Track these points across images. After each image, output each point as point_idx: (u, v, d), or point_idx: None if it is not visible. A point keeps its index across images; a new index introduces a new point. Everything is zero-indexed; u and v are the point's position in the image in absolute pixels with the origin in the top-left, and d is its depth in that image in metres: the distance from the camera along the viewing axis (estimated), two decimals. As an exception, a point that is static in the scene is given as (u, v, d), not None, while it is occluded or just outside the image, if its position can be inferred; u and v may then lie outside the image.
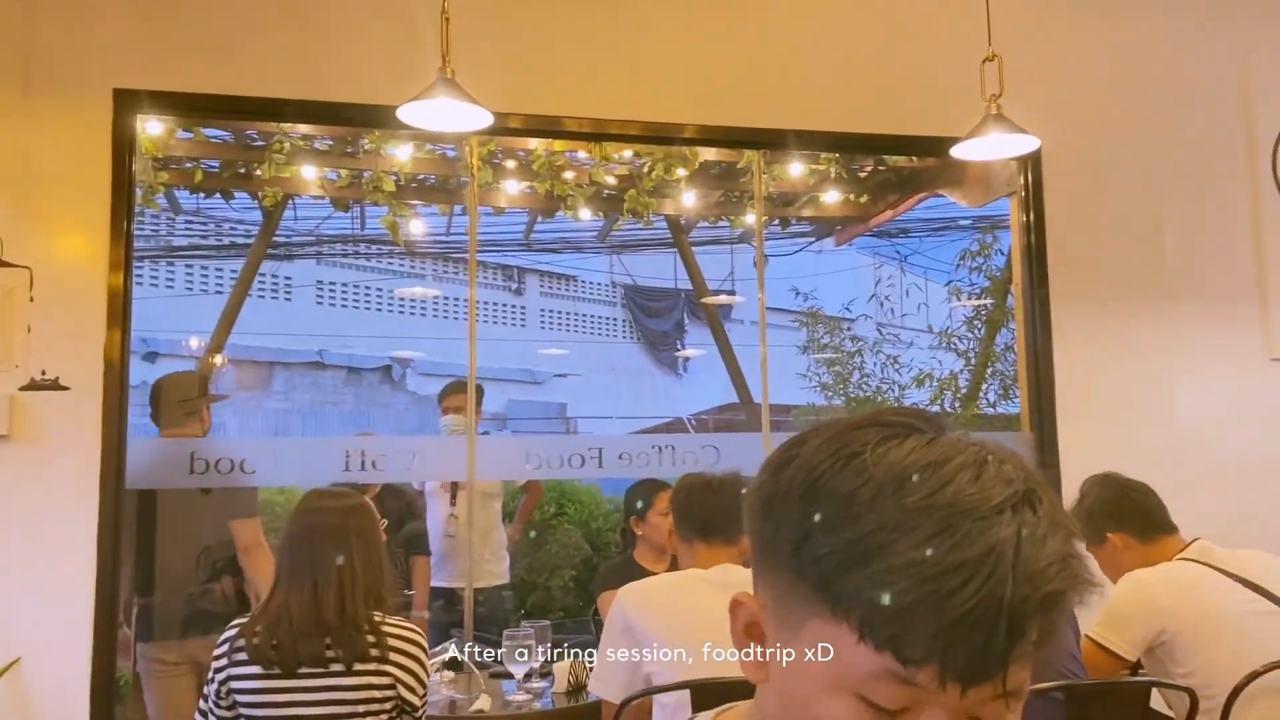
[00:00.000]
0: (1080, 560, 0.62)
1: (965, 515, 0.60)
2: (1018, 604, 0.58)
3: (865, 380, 5.85)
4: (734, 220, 5.36)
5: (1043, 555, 0.60)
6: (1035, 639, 0.60)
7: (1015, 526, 0.60)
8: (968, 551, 0.58)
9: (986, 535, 0.59)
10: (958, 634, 0.58)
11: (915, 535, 0.59)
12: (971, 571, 0.58)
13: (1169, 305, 3.96)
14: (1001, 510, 0.60)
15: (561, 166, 4.65)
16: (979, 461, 0.63)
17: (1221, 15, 4.12)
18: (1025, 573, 0.59)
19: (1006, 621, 0.58)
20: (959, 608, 0.58)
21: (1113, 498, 2.54)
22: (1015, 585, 0.58)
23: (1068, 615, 0.62)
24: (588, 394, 14.69)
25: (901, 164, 4.84)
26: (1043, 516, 0.61)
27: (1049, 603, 0.60)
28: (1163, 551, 2.47)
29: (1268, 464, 3.94)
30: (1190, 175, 4.04)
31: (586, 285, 16.38)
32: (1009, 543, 0.59)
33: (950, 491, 0.61)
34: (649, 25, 3.72)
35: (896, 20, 3.88)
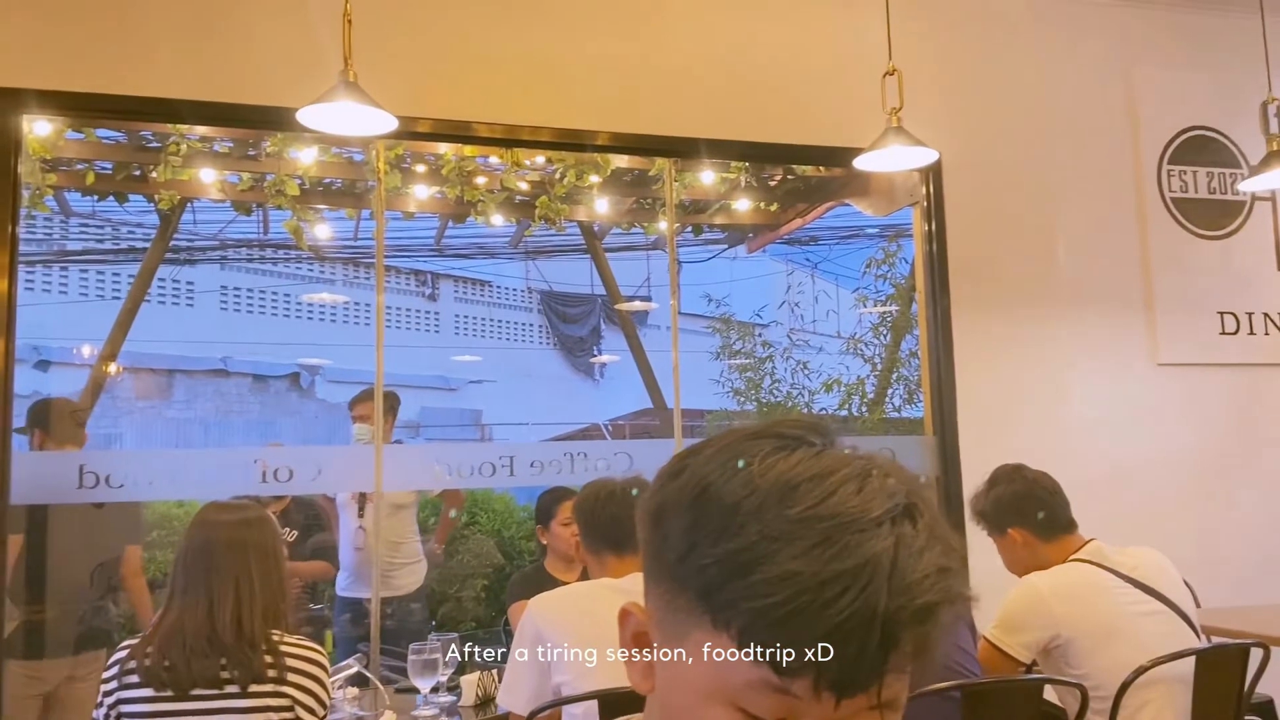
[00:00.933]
0: (957, 574, 0.62)
1: (845, 528, 0.60)
2: (891, 615, 0.59)
3: (776, 386, 5.93)
4: (647, 227, 5.39)
5: (919, 568, 0.60)
6: (911, 651, 0.60)
7: (893, 539, 0.60)
8: (845, 563, 0.59)
9: (864, 547, 0.59)
10: (832, 645, 0.58)
11: (795, 546, 0.59)
12: (848, 583, 0.58)
13: (1062, 312, 4.11)
14: (881, 523, 0.61)
15: (473, 172, 4.60)
16: (863, 474, 0.63)
17: (1109, 32, 4.30)
18: (901, 584, 0.59)
19: (880, 632, 0.58)
20: (834, 619, 0.58)
21: (1019, 493, 2.58)
22: (890, 596, 0.59)
23: (944, 627, 0.62)
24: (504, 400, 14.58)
25: (810, 173, 4.92)
26: (922, 530, 0.62)
27: (923, 615, 0.60)
28: (1060, 550, 2.52)
29: (1154, 464, 4.12)
30: (1082, 186, 4.20)
31: (502, 291, 16.26)
32: (886, 555, 0.59)
33: (832, 503, 0.61)
34: (560, 33, 3.72)
35: (802, 33, 3.95)
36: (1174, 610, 2.43)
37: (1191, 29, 4.36)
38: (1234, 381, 4.24)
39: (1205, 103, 4.32)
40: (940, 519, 0.64)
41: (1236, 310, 4.26)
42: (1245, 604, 3.67)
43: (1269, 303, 4.30)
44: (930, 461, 4.01)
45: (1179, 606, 2.44)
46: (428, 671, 2.52)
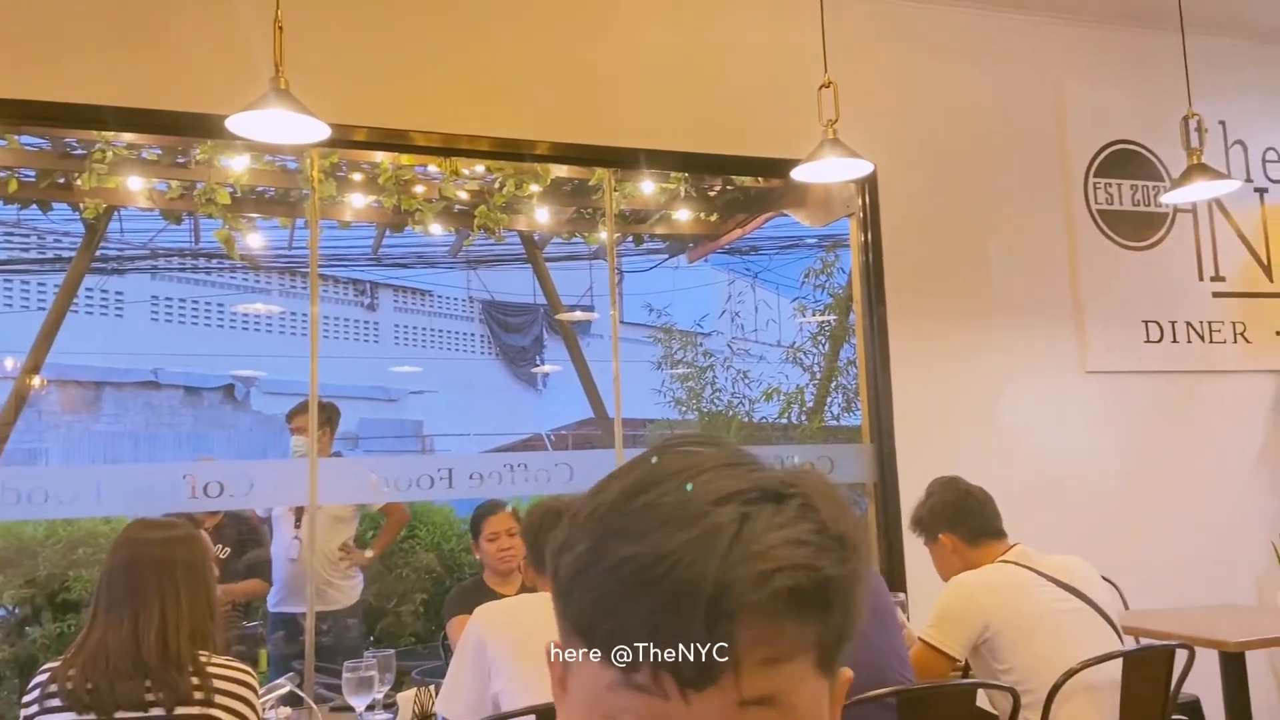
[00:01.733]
0: (827, 550, 0.56)
1: (685, 508, 0.56)
2: (725, 586, 0.54)
3: (717, 395, 5.96)
4: (588, 237, 5.38)
5: (767, 540, 0.55)
6: (768, 637, 0.55)
7: (739, 515, 0.56)
8: (675, 540, 0.55)
9: (701, 523, 0.55)
10: (662, 623, 0.54)
11: (630, 535, 0.56)
12: (678, 557, 0.54)
13: (995, 321, 4.20)
14: (728, 501, 0.56)
15: (410, 181, 4.56)
16: (729, 464, 0.60)
17: (1039, 47, 4.41)
18: (741, 555, 0.54)
19: (709, 606, 0.54)
20: (661, 595, 0.54)
21: (951, 501, 2.72)
22: (724, 569, 0.54)
23: (811, 619, 0.56)
24: (445, 411, 14.44)
25: (749, 184, 4.96)
26: (788, 509, 0.57)
27: (760, 583, 0.54)
28: (986, 555, 2.63)
29: (1084, 470, 4.22)
30: (1013, 198, 4.30)
31: (443, 300, 16.11)
32: (726, 529, 0.55)
33: (680, 493, 0.58)
34: (499, 42, 3.70)
35: (740, 46, 3.99)
36: (1095, 609, 2.51)
37: (1117, 46, 4.49)
38: (1159, 388, 4.37)
39: (1129, 117, 4.45)
40: (830, 511, 0.58)
41: (1160, 319, 4.39)
42: (1173, 605, 3.78)
43: (1191, 312, 4.44)
44: (868, 469, 4.06)
45: (1100, 606, 2.52)
46: (363, 689, 2.47)
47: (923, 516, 2.76)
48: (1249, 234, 4.60)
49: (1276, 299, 4.59)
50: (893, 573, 3.89)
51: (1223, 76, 4.59)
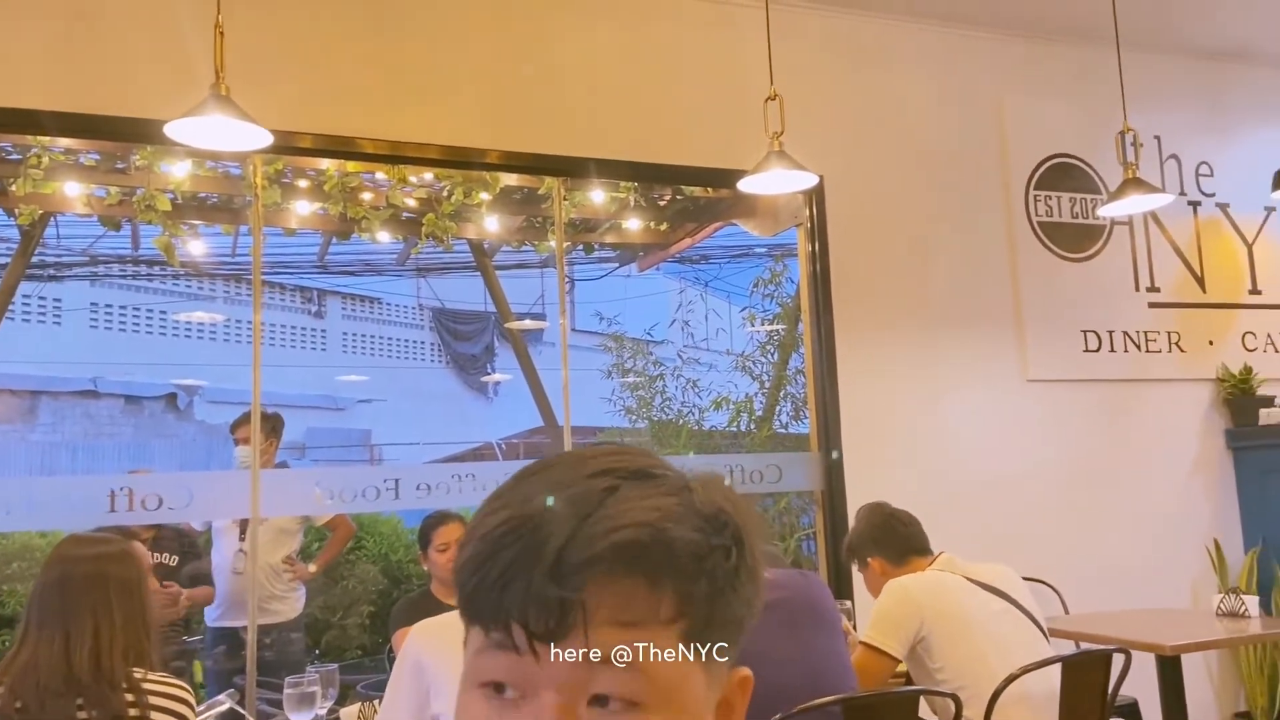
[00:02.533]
0: (682, 522, 0.58)
1: (561, 481, 0.60)
2: (573, 539, 0.56)
3: (667, 404, 5.98)
4: (538, 245, 5.36)
5: (626, 509, 0.58)
6: (625, 603, 0.57)
7: (609, 485, 0.59)
8: (542, 504, 0.58)
9: (569, 490, 0.59)
10: (514, 576, 0.57)
11: (507, 504, 0.60)
12: (541, 518, 0.58)
13: (939, 330, 4.26)
14: (603, 476, 0.60)
15: (357, 188, 4.51)
16: (616, 452, 0.63)
17: (981, 61, 4.50)
18: (599, 516, 0.57)
19: (558, 558, 0.56)
20: (516, 551, 0.57)
21: (877, 525, 2.82)
22: (579, 525, 0.57)
23: (665, 585, 0.58)
24: (394, 419, 14.28)
25: (699, 194, 4.99)
26: (659, 486, 0.60)
27: (605, 536, 0.56)
28: (912, 570, 2.72)
29: (1025, 476, 4.29)
30: (956, 209, 4.37)
31: (392, 308, 15.95)
32: (592, 497, 0.58)
33: (561, 470, 0.61)
34: (446, 51, 3.69)
35: (689, 57, 4.01)
36: (1022, 611, 2.59)
37: (1056, 61, 4.59)
38: (1097, 397, 4.46)
39: (1068, 131, 4.55)
40: (708, 495, 0.61)
41: (1098, 329, 4.49)
42: (1111, 609, 3.86)
43: (1128, 322, 4.55)
44: (816, 477, 4.10)
45: (1026, 609, 2.61)
46: (304, 705, 2.43)
47: (851, 543, 2.86)
48: (1183, 246, 4.73)
49: (1209, 309, 4.72)
50: (839, 580, 3.92)
51: (1158, 92, 4.71)
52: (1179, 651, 3.03)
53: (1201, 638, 3.13)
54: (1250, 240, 4.86)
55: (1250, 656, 4.41)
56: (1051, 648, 2.61)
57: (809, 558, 4.99)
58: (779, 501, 5.24)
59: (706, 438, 5.77)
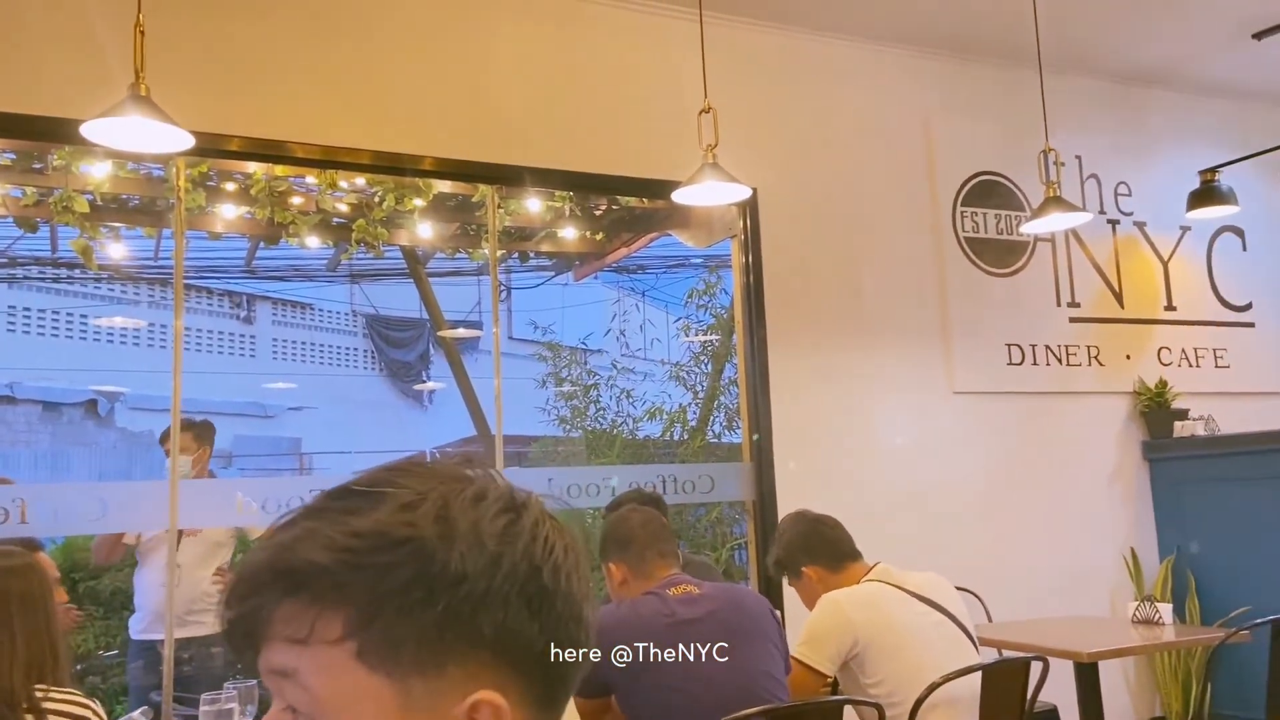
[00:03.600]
0: (327, 543, 0.61)
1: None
2: (243, 565, 0.63)
3: (601, 414, 5.97)
4: (472, 253, 5.32)
5: (280, 531, 0.64)
6: (289, 620, 0.60)
7: (305, 506, 0.65)
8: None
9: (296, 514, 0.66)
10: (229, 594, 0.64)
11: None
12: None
13: (869, 343, 4.33)
14: (319, 496, 0.65)
15: (285, 192, 4.42)
16: (385, 468, 0.67)
17: (911, 80, 4.59)
18: (261, 542, 0.64)
19: (234, 580, 0.63)
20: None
21: (804, 533, 2.77)
22: (253, 548, 0.64)
23: (324, 601, 0.60)
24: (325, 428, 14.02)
25: (634, 204, 4.99)
26: (350, 505, 0.63)
27: (251, 561, 0.63)
28: (851, 577, 2.71)
29: (951, 486, 4.38)
30: (886, 224, 4.45)
31: (324, 314, 15.66)
32: (280, 522, 0.65)
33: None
34: (381, 55, 3.65)
35: (624, 69, 4.02)
36: (955, 623, 2.61)
37: (982, 81, 4.70)
38: (1020, 408, 4.57)
39: (994, 150, 4.66)
40: (397, 515, 0.62)
41: (1022, 343, 4.60)
42: (1033, 616, 3.95)
43: (1050, 336, 4.67)
44: (748, 487, 4.12)
45: (959, 620, 2.62)
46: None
47: (781, 556, 2.80)
48: (1102, 263, 4.87)
49: (1127, 325, 4.87)
50: (770, 592, 3.95)
51: (1079, 113, 4.86)
52: (1096, 659, 3.11)
53: (1117, 645, 3.21)
54: (1166, 258, 5.03)
55: (1165, 663, 4.54)
56: (981, 657, 2.64)
57: (741, 567, 5.01)
58: (711, 511, 5.26)
59: (640, 448, 5.77)
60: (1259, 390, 5.07)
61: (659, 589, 2.36)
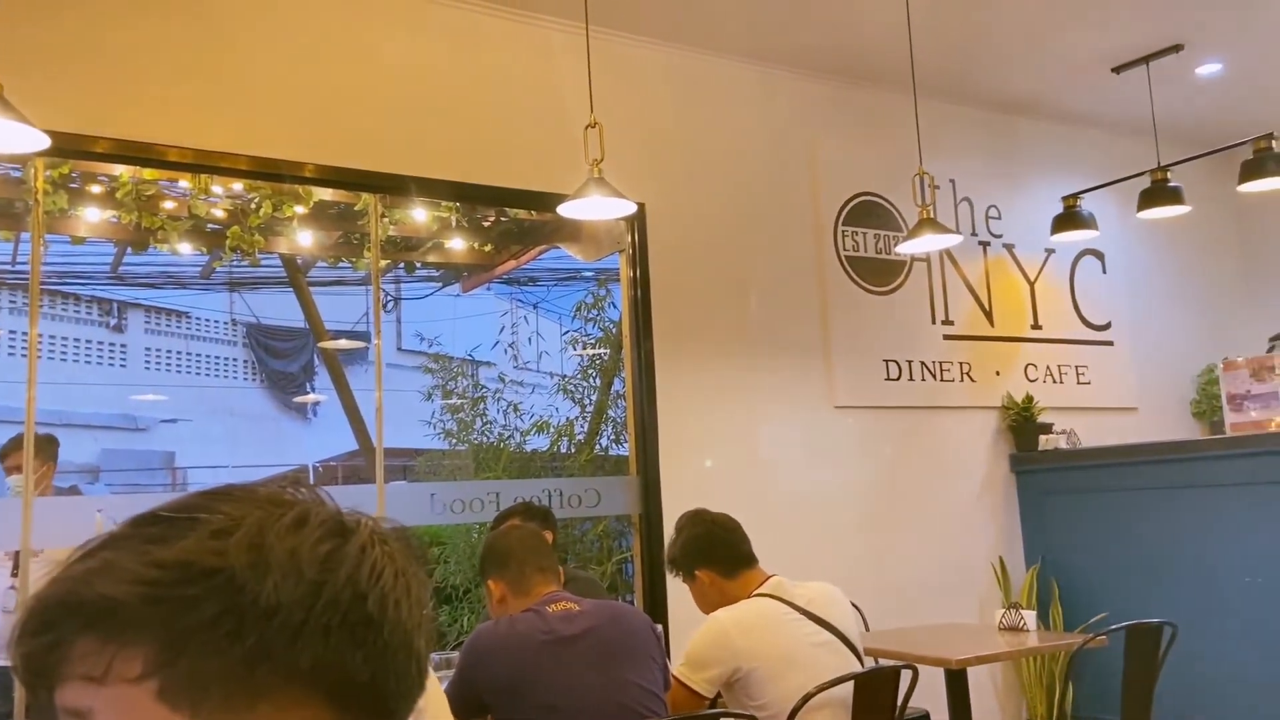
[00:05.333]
0: (103, 579, 0.58)
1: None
2: (38, 602, 0.59)
3: (488, 427, 5.90)
4: (355, 262, 5.20)
5: (77, 563, 0.60)
6: (85, 657, 0.57)
7: (106, 535, 0.61)
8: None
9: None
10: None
11: None
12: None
13: (753, 358, 4.40)
14: (125, 524, 0.62)
15: (155, 196, 4.24)
16: (203, 493, 0.64)
17: (796, 101, 4.70)
18: (55, 575, 0.59)
19: (27, 617, 0.59)
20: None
21: (701, 535, 2.71)
22: (53, 583, 0.59)
23: (123, 638, 0.57)
24: (201, 441, 13.47)
25: (523, 216, 4.97)
26: (147, 532, 0.60)
27: (46, 592, 0.59)
28: (743, 586, 2.67)
29: (832, 499, 4.48)
30: (771, 241, 4.54)
31: (202, 323, 15.06)
32: (77, 552, 0.61)
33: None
34: (261, 60, 3.54)
35: (512, 80, 4.00)
36: (842, 640, 2.63)
37: (862, 104, 4.85)
38: (897, 423, 4.72)
39: (873, 171, 4.81)
40: (202, 544, 0.59)
41: (899, 359, 4.75)
42: (909, 624, 4.06)
43: (925, 352, 4.84)
44: (634, 500, 4.13)
45: (846, 637, 2.64)
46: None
47: (676, 555, 2.74)
48: (974, 283, 5.08)
49: (996, 342, 5.08)
50: (655, 605, 3.96)
51: (953, 139, 5.06)
52: (964, 665, 3.22)
53: (984, 652, 3.33)
54: (1032, 279, 5.28)
55: (1030, 668, 4.74)
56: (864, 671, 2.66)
57: (628, 581, 5.02)
58: (597, 525, 5.25)
59: (528, 461, 5.72)
60: (1117, 405, 5.36)
61: (538, 606, 2.34)
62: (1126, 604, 4.31)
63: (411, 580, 0.63)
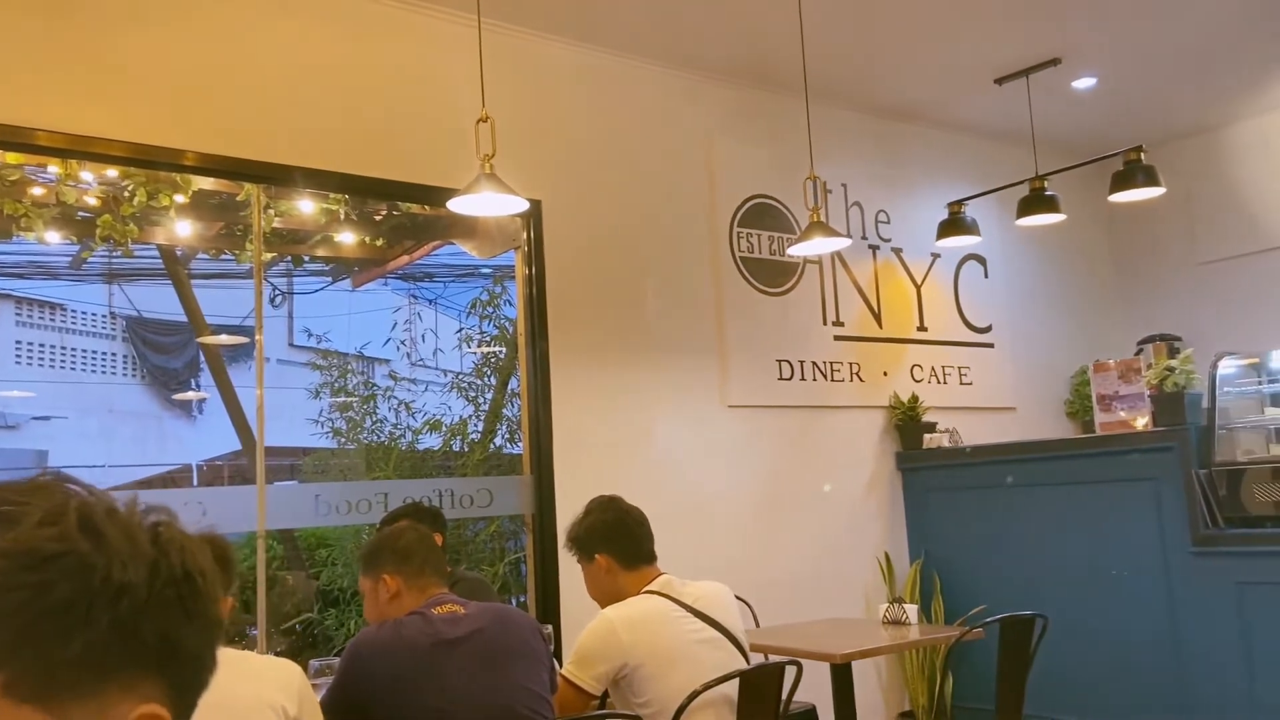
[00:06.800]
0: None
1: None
2: None
3: (379, 426, 5.77)
4: (239, 255, 5.01)
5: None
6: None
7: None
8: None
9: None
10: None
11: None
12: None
13: (649, 357, 4.41)
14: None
15: (19, 182, 4.00)
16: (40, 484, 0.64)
17: (694, 102, 4.73)
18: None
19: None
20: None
21: (610, 522, 2.74)
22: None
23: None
24: (76, 439, 12.83)
25: (417, 211, 4.87)
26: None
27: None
28: (637, 580, 2.69)
29: (725, 497, 4.53)
30: (668, 241, 4.55)
31: (78, 315, 14.36)
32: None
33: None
34: (138, 42, 3.38)
35: (402, 71, 3.92)
36: (728, 637, 2.66)
37: (757, 108, 4.91)
38: (788, 422, 4.80)
39: (768, 174, 4.88)
40: (39, 533, 0.59)
41: (791, 359, 4.83)
42: (797, 620, 4.13)
43: (816, 353, 4.93)
44: (527, 500, 4.09)
45: (732, 634, 2.68)
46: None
47: (579, 535, 2.75)
48: (864, 285, 5.20)
49: (884, 343, 5.21)
50: (547, 603, 3.94)
51: (845, 145, 5.17)
52: (848, 659, 3.28)
53: (867, 646, 3.41)
54: (919, 282, 5.43)
55: (913, 660, 4.88)
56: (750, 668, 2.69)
57: (521, 582, 4.98)
58: (490, 525, 5.20)
59: (421, 460, 5.62)
60: (997, 405, 5.56)
61: (423, 609, 2.31)
62: (1005, 597, 4.47)
63: (202, 553, 0.66)
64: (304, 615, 5.47)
